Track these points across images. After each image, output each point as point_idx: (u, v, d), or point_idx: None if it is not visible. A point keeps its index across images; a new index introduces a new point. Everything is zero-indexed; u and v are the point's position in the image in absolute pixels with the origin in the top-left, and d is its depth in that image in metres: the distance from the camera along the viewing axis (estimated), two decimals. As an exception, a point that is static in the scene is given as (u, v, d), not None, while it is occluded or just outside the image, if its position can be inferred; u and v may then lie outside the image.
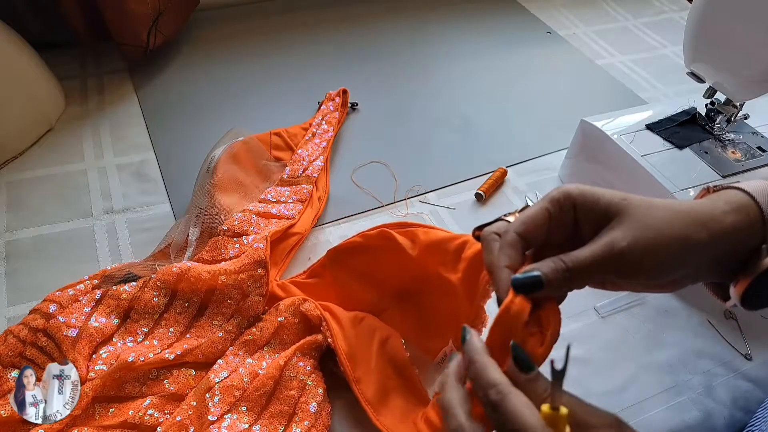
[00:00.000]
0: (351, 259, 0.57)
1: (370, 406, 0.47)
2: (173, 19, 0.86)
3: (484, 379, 0.29)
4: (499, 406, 0.27)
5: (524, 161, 0.78)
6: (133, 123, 0.78)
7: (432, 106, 0.87)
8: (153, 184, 0.69)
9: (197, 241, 0.60)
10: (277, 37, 0.98)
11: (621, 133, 0.66)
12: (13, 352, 0.47)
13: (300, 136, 0.75)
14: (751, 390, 0.55)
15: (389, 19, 1.06)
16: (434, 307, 0.53)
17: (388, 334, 0.52)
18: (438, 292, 0.52)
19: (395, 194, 0.71)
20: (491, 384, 0.28)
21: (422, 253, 0.52)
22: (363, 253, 0.56)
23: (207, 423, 0.45)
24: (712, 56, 0.61)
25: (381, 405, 0.47)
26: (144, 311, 0.52)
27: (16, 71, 0.71)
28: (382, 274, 0.56)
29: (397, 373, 0.51)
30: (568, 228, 0.34)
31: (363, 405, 0.47)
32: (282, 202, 0.65)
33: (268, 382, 0.48)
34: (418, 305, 0.55)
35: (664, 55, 1.07)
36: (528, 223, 0.33)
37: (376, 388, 0.48)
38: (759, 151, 0.66)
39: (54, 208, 0.65)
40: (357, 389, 0.48)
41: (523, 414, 0.27)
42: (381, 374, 0.49)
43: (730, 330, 0.60)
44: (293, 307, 0.52)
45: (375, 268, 0.56)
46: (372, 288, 0.56)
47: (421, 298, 0.54)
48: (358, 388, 0.48)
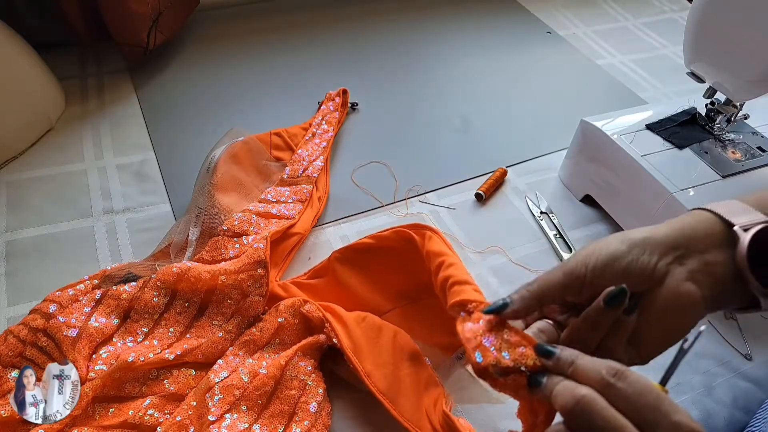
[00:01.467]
0: (360, 259, 0.57)
1: (385, 398, 0.47)
2: (173, 19, 0.86)
3: (595, 361, 0.30)
4: (626, 370, 0.28)
5: (524, 161, 0.78)
6: (133, 123, 0.78)
7: (432, 106, 0.87)
8: (153, 184, 0.69)
9: (197, 241, 0.60)
10: (277, 37, 0.98)
11: (621, 133, 0.66)
12: (13, 352, 0.47)
13: (300, 136, 0.75)
14: (751, 390, 0.55)
15: (389, 20, 1.06)
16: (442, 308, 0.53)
17: (395, 329, 0.52)
18: None
19: (395, 194, 0.71)
20: (604, 362, 0.29)
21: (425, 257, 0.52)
22: (374, 255, 0.56)
23: (207, 423, 0.45)
24: (712, 56, 0.61)
25: (396, 395, 0.47)
26: (144, 311, 0.52)
27: (16, 71, 0.71)
28: (391, 276, 0.56)
29: (409, 363, 0.50)
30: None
31: (378, 397, 0.47)
32: (282, 202, 0.65)
33: (269, 382, 0.48)
34: (424, 306, 0.55)
35: (664, 55, 1.07)
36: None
37: (390, 380, 0.48)
38: (759, 151, 0.66)
39: (54, 208, 0.65)
40: (369, 383, 0.47)
41: (645, 377, 0.28)
42: (393, 366, 0.49)
43: (730, 330, 0.60)
44: (293, 308, 0.52)
45: (384, 270, 0.56)
46: (378, 289, 0.56)
47: (429, 299, 0.54)
48: (370, 382, 0.47)
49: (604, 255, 0.34)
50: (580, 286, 0.34)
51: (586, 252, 0.35)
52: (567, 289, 0.34)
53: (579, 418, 0.28)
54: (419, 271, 0.54)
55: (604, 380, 0.28)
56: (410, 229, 0.54)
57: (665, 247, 0.34)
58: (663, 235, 0.34)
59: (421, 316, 0.55)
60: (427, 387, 0.49)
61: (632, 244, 0.34)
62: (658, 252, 0.34)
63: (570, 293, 0.35)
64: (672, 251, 0.34)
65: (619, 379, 0.28)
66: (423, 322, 0.54)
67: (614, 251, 0.34)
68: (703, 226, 0.35)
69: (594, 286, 0.34)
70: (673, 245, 0.34)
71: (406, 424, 0.46)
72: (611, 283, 0.33)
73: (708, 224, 0.35)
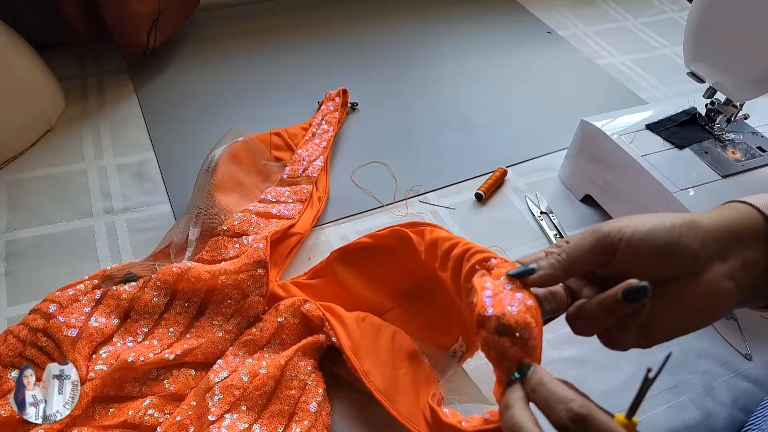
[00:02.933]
0: (358, 259, 0.57)
1: (383, 396, 0.47)
2: (173, 19, 0.86)
3: (560, 395, 0.29)
4: (588, 416, 0.27)
5: (524, 161, 0.78)
6: (133, 123, 0.78)
7: (432, 106, 0.87)
8: (153, 184, 0.69)
9: (197, 241, 0.60)
10: (276, 37, 0.98)
11: (621, 133, 0.66)
12: (13, 352, 0.47)
13: (300, 136, 0.75)
14: (751, 390, 0.55)
15: (389, 19, 1.06)
16: (441, 307, 0.53)
17: (394, 329, 0.52)
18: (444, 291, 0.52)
19: (395, 194, 0.71)
20: (570, 398, 0.28)
21: (426, 252, 0.52)
22: (372, 254, 0.56)
23: (207, 423, 0.45)
24: (712, 56, 0.61)
25: (394, 394, 0.47)
26: (144, 311, 0.52)
27: (16, 71, 0.71)
28: (390, 275, 0.56)
29: (407, 362, 0.51)
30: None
31: (376, 396, 0.47)
32: (282, 202, 0.65)
33: (269, 382, 0.48)
34: (424, 305, 0.55)
35: (664, 55, 1.07)
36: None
37: (387, 379, 0.48)
38: (759, 151, 0.65)
39: (54, 208, 0.65)
40: (368, 381, 0.47)
41: (610, 422, 0.27)
42: (391, 365, 0.49)
43: (730, 330, 0.60)
44: (293, 308, 0.52)
45: (383, 269, 0.56)
46: (377, 289, 0.56)
47: (428, 298, 0.54)
48: (368, 381, 0.47)
49: (642, 228, 0.32)
50: (611, 254, 0.32)
51: (621, 223, 0.33)
52: (597, 257, 0.33)
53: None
54: (417, 270, 0.54)
55: (564, 425, 0.27)
56: (407, 227, 0.54)
57: (710, 236, 0.32)
58: (709, 223, 0.33)
59: (420, 315, 0.55)
60: (426, 386, 0.49)
61: (674, 223, 0.32)
62: (702, 239, 0.32)
63: (598, 262, 0.33)
64: (715, 242, 0.32)
65: (579, 427, 0.27)
66: (422, 321, 0.54)
67: (655, 226, 0.32)
68: (746, 221, 0.33)
69: (625, 258, 0.32)
70: (718, 236, 0.32)
71: (404, 422, 0.46)
72: (646, 258, 0.31)
73: (750, 219, 0.33)
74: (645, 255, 0.32)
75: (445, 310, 0.53)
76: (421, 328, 0.54)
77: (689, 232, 0.32)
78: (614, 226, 0.33)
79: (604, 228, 0.33)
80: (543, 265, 0.33)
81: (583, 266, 0.33)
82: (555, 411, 0.28)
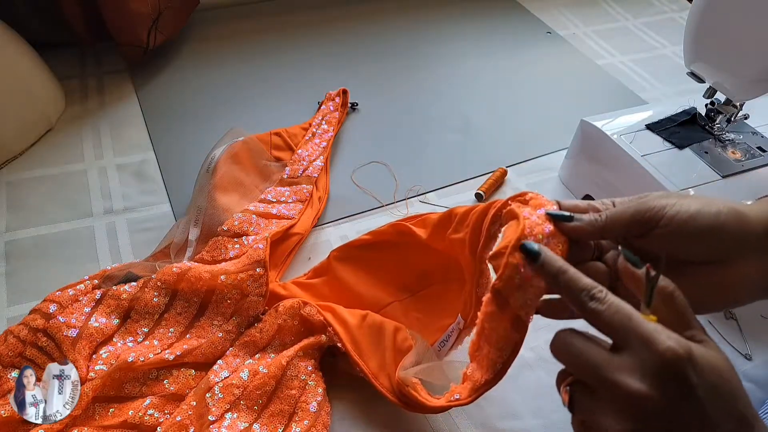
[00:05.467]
0: (358, 256, 0.57)
1: (394, 396, 0.47)
2: (173, 19, 0.86)
3: (582, 282, 0.30)
4: (606, 300, 0.29)
5: (524, 161, 0.78)
6: (133, 123, 0.78)
7: (432, 106, 0.87)
8: (153, 184, 0.69)
9: (197, 241, 0.60)
10: (277, 37, 0.98)
11: (621, 133, 0.66)
12: (13, 352, 0.47)
13: (300, 136, 0.75)
14: (751, 390, 0.55)
15: (389, 19, 1.06)
16: (440, 297, 0.54)
17: (395, 326, 0.53)
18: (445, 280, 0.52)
19: (395, 194, 0.71)
20: (592, 285, 0.30)
21: (432, 231, 0.52)
22: (372, 250, 0.56)
23: (207, 423, 0.45)
24: (712, 56, 0.61)
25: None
26: (144, 311, 0.52)
27: (16, 71, 0.71)
28: (390, 270, 0.56)
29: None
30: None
31: (388, 397, 0.47)
32: (282, 202, 0.65)
33: (270, 381, 0.48)
34: (423, 297, 0.56)
35: (664, 55, 1.07)
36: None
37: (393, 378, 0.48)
38: (759, 151, 0.66)
39: (54, 208, 0.65)
40: (378, 384, 0.48)
41: (629, 307, 0.29)
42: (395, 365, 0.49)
43: (730, 330, 0.60)
44: (293, 309, 0.52)
45: (383, 265, 0.56)
46: (377, 283, 0.57)
47: (427, 289, 0.55)
48: (378, 384, 0.48)
49: (687, 210, 0.32)
50: (650, 228, 0.32)
51: (667, 201, 0.32)
52: (636, 227, 0.33)
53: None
54: (418, 262, 0.55)
55: (582, 302, 0.29)
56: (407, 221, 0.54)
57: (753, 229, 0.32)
58: (754, 216, 0.32)
59: (420, 304, 0.56)
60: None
61: (720, 211, 0.32)
62: (745, 231, 0.32)
63: (636, 232, 0.33)
64: (758, 239, 0.32)
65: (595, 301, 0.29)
66: (421, 312, 0.55)
67: (700, 210, 0.32)
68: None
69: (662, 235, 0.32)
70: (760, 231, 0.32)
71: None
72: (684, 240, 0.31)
73: None
74: (684, 237, 0.32)
75: (444, 296, 0.54)
76: (420, 318, 0.55)
77: (734, 222, 0.32)
78: (659, 202, 0.32)
79: (650, 202, 0.33)
80: (582, 219, 0.34)
81: (619, 232, 0.34)
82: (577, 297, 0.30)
